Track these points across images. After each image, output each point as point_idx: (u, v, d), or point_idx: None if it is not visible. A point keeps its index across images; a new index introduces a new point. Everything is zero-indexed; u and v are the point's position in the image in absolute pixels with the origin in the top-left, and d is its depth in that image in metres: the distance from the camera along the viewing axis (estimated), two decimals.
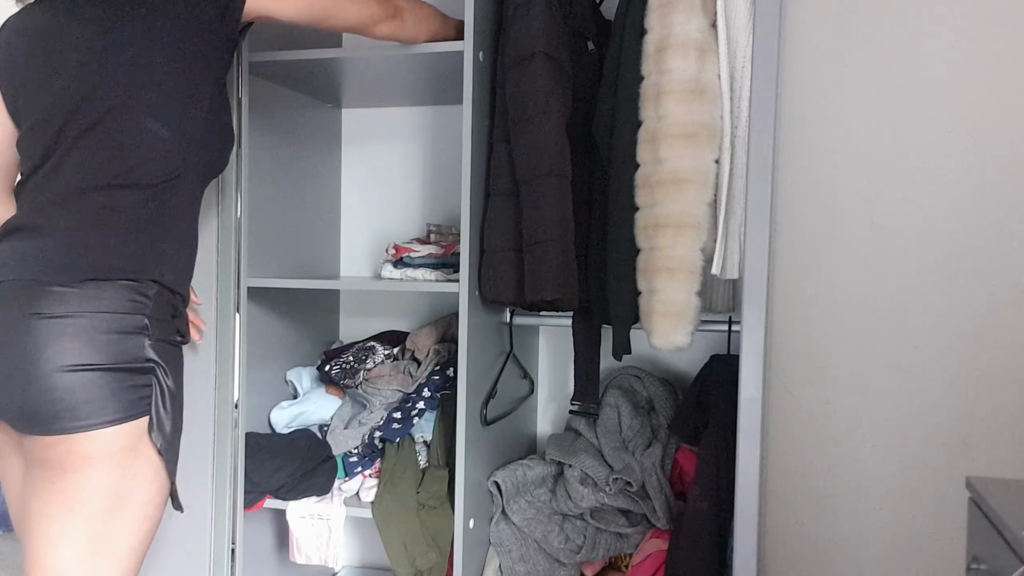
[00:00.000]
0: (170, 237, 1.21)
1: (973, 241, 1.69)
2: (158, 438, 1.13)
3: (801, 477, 1.80)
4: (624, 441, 1.72)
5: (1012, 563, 0.99)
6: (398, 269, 1.72)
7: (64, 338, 1.05)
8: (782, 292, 1.80)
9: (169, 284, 1.19)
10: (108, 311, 1.09)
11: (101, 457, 1.08)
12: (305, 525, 1.73)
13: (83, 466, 1.07)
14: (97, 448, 1.07)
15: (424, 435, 1.79)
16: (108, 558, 1.10)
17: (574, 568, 1.67)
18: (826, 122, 1.76)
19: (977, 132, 1.68)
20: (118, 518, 1.11)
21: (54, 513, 1.08)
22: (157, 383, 1.13)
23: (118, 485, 1.10)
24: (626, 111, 1.47)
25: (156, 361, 1.13)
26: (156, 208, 1.18)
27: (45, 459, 1.09)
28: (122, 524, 1.11)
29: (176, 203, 1.22)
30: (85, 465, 1.07)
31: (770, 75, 1.35)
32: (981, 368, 1.69)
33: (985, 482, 1.18)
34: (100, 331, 1.08)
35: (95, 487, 1.08)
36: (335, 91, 1.91)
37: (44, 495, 1.09)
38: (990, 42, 1.66)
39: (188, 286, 1.27)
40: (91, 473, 1.08)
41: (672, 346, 1.43)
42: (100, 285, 1.10)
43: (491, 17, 1.57)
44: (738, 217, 1.40)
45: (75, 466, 1.07)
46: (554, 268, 1.43)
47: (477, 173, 1.54)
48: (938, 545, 1.72)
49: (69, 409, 1.05)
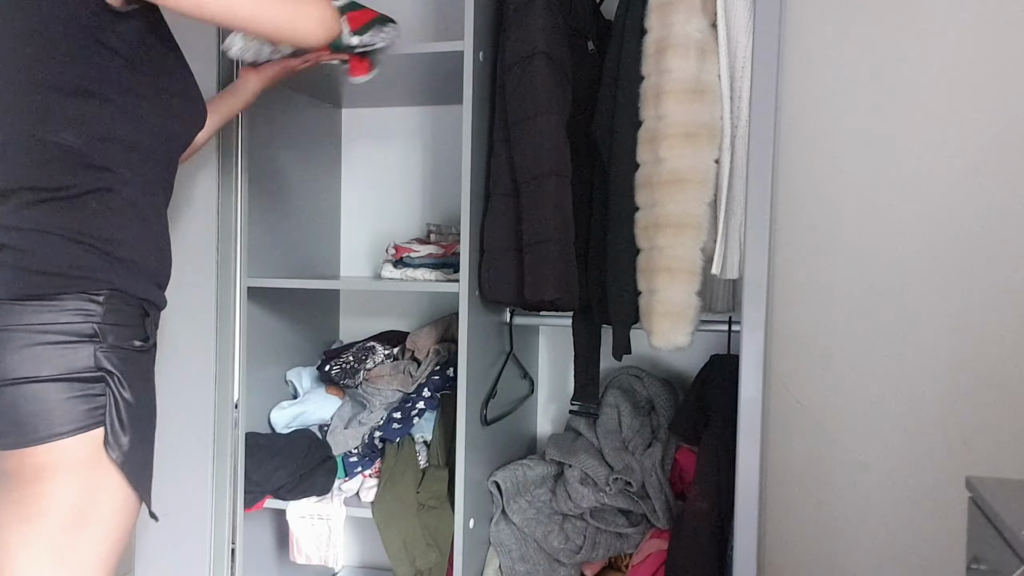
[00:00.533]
0: (122, 243, 1.12)
1: (973, 241, 1.69)
2: (114, 451, 1.07)
3: (801, 477, 1.80)
4: (624, 441, 1.72)
5: (1012, 563, 0.99)
6: (398, 269, 1.72)
7: (5, 352, 1.02)
8: (782, 292, 1.80)
9: (126, 289, 1.11)
10: (51, 322, 1.04)
11: (57, 469, 1.04)
12: (305, 525, 1.73)
13: (37, 478, 1.04)
14: (52, 460, 1.04)
15: (424, 435, 1.79)
16: (79, 567, 1.07)
17: (574, 568, 1.67)
18: (826, 122, 1.76)
19: (977, 132, 1.68)
20: (80, 529, 1.06)
21: (10, 524, 1.05)
22: (111, 392, 1.07)
23: (77, 497, 1.05)
24: (626, 111, 1.47)
25: (107, 370, 1.07)
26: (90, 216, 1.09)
27: (4, 471, 1.05)
28: (85, 535, 1.07)
29: (118, 207, 1.12)
30: (40, 477, 1.04)
31: (770, 75, 1.35)
32: (981, 368, 1.69)
33: (985, 482, 1.18)
34: (43, 342, 1.03)
35: (53, 499, 1.05)
36: (335, 91, 1.91)
37: (2, 507, 1.05)
38: (990, 41, 1.66)
39: (157, 289, 1.18)
40: (47, 485, 1.04)
41: (672, 346, 1.43)
42: (42, 300, 1.04)
43: (491, 17, 1.57)
44: (738, 217, 1.40)
45: (29, 478, 1.04)
46: (554, 268, 1.43)
47: (477, 173, 1.54)
48: (938, 545, 1.72)
49: (15, 423, 1.02)
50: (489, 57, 1.56)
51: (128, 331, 1.11)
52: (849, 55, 1.74)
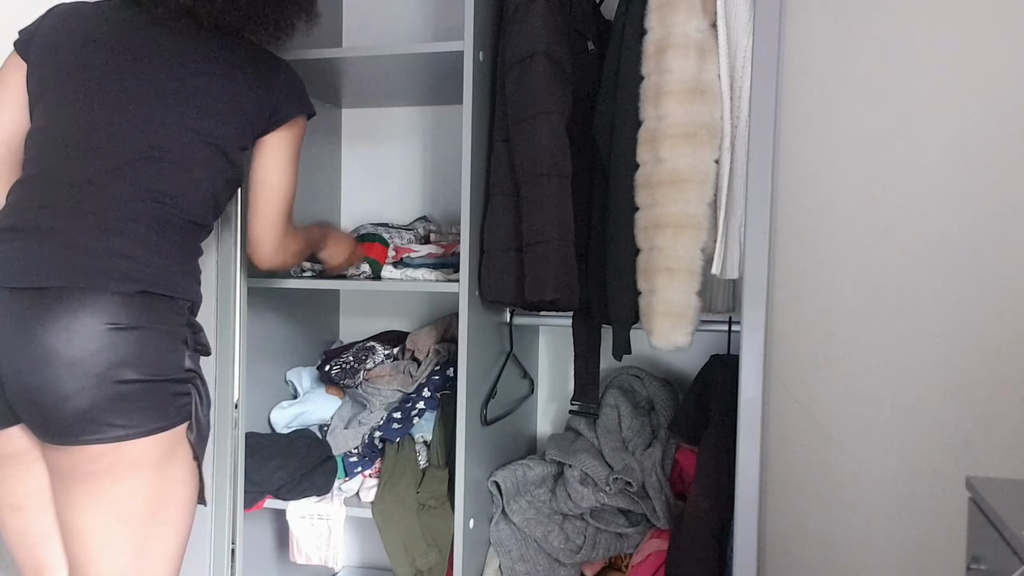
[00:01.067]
0: (196, 259, 1.29)
1: (973, 241, 1.69)
2: (196, 440, 1.19)
3: (801, 477, 1.80)
4: (624, 441, 1.72)
5: (1012, 563, 0.99)
6: (398, 269, 1.72)
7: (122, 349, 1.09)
8: (782, 292, 1.80)
9: (196, 300, 1.26)
10: (160, 323, 1.14)
11: (146, 464, 1.12)
12: (305, 525, 1.73)
13: (131, 474, 1.11)
14: (142, 456, 1.11)
15: (424, 435, 1.79)
16: (158, 559, 1.16)
17: (574, 568, 1.67)
18: (826, 122, 1.76)
19: (978, 131, 1.68)
20: (163, 521, 1.15)
21: (106, 524, 1.11)
22: (195, 390, 1.19)
23: (161, 489, 1.14)
24: (626, 111, 1.48)
25: (194, 370, 1.19)
26: (196, 237, 1.27)
27: (92, 471, 1.10)
28: (166, 526, 1.16)
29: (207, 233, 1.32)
30: (133, 473, 1.11)
31: (770, 75, 1.35)
32: (981, 368, 1.69)
33: (985, 482, 1.18)
34: (152, 343, 1.12)
35: (142, 494, 1.12)
36: (335, 91, 1.91)
37: (95, 508, 1.11)
38: (990, 41, 1.66)
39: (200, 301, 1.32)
40: (136, 481, 1.11)
41: (672, 346, 1.43)
42: (151, 298, 1.14)
43: (491, 17, 1.57)
44: (738, 217, 1.40)
45: (123, 475, 1.10)
46: (554, 268, 1.43)
47: (477, 173, 1.54)
48: (938, 545, 1.72)
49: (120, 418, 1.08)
50: (489, 57, 1.56)
51: (197, 336, 1.25)
52: (849, 55, 1.74)
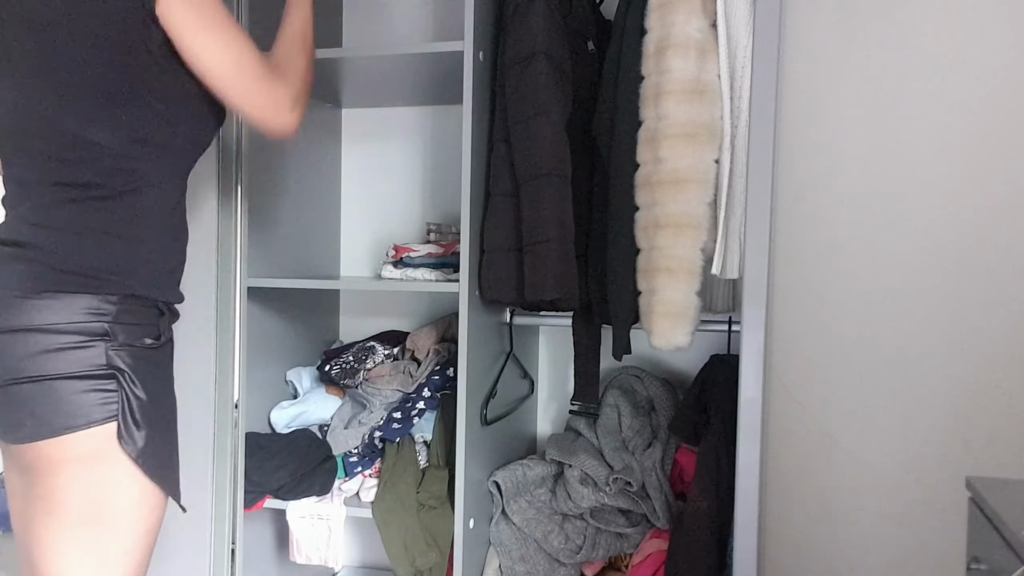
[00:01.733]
0: (147, 242, 1.15)
1: (973, 240, 1.69)
2: (129, 446, 1.10)
3: (801, 477, 1.80)
4: (624, 441, 1.72)
5: (1012, 563, 0.99)
6: (398, 269, 1.72)
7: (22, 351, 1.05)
8: (782, 292, 1.80)
9: (146, 294, 1.14)
10: (65, 321, 1.07)
11: (69, 461, 1.08)
12: (305, 525, 1.73)
13: (52, 471, 1.08)
14: (64, 453, 1.07)
15: (424, 435, 1.79)
16: (95, 562, 1.10)
17: (574, 568, 1.67)
18: (826, 122, 1.76)
19: (978, 132, 1.68)
20: (100, 523, 1.10)
21: (38, 518, 1.09)
22: (122, 390, 1.10)
23: (91, 490, 1.09)
24: (626, 111, 1.47)
25: (119, 368, 1.09)
26: (119, 217, 1.12)
27: (22, 465, 1.11)
28: (107, 529, 1.10)
29: (144, 208, 1.15)
30: (54, 470, 1.08)
31: (770, 75, 1.35)
32: (981, 368, 1.69)
33: (985, 482, 1.18)
34: (58, 345, 1.06)
35: (68, 491, 1.08)
36: (335, 91, 1.91)
37: (27, 500, 1.11)
38: (991, 42, 1.66)
39: (172, 289, 1.22)
40: (60, 477, 1.08)
41: (672, 346, 1.43)
42: (55, 296, 1.07)
43: (491, 17, 1.57)
44: (738, 217, 1.40)
45: (44, 471, 1.08)
46: (554, 268, 1.43)
47: (477, 173, 1.54)
48: (938, 545, 1.72)
49: (31, 416, 1.06)
50: (489, 57, 1.56)
51: (140, 329, 1.14)
52: (849, 55, 1.74)
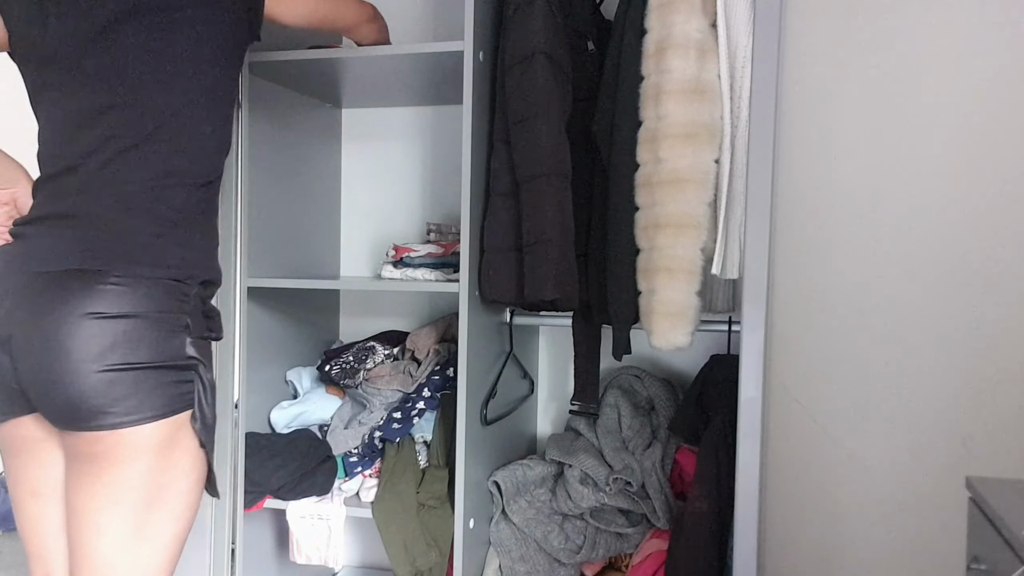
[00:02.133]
0: (207, 235, 1.26)
1: (973, 240, 1.69)
2: (200, 429, 1.17)
3: (801, 477, 1.80)
4: (624, 441, 1.72)
5: (1012, 563, 0.99)
6: (398, 269, 1.72)
7: (114, 338, 1.09)
8: (782, 292, 1.80)
9: (204, 280, 1.22)
10: (156, 311, 1.12)
11: (145, 450, 1.12)
12: (305, 525, 1.73)
13: (128, 459, 1.11)
14: (140, 442, 1.11)
15: (424, 435, 1.79)
16: (152, 547, 1.15)
17: (574, 568, 1.67)
18: (826, 122, 1.76)
19: (978, 132, 1.68)
20: (160, 508, 1.15)
21: (101, 506, 1.12)
22: (199, 377, 1.17)
23: (159, 476, 1.14)
24: (626, 111, 1.47)
25: (196, 358, 1.17)
26: (200, 207, 1.23)
27: (91, 453, 1.12)
28: (163, 513, 1.16)
29: (213, 201, 1.26)
30: (130, 458, 1.11)
31: (770, 75, 1.35)
32: (981, 368, 1.69)
33: (985, 482, 1.18)
34: (148, 331, 1.11)
35: (139, 480, 1.12)
36: (335, 91, 1.91)
37: (91, 489, 1.13)
38: (991, 43, 1.66)
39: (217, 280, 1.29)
40: (135, 466, 1.12)
41: (672, 346, 1.43)
42: (149, 283, 1.13)
43: (491, 17, 1.57)
44: (738, 217, 1.40)
45: (120, 459, 1.11)
46: (554, 268, 1.43)
47: (477, 173, 1.54)
48: (938, 545, 1.72)
49: (115, 404, 1.09)
50: (489, 57, 1.56)
51: (203, 322, 1.21)
52: (849, 55, 1.74)
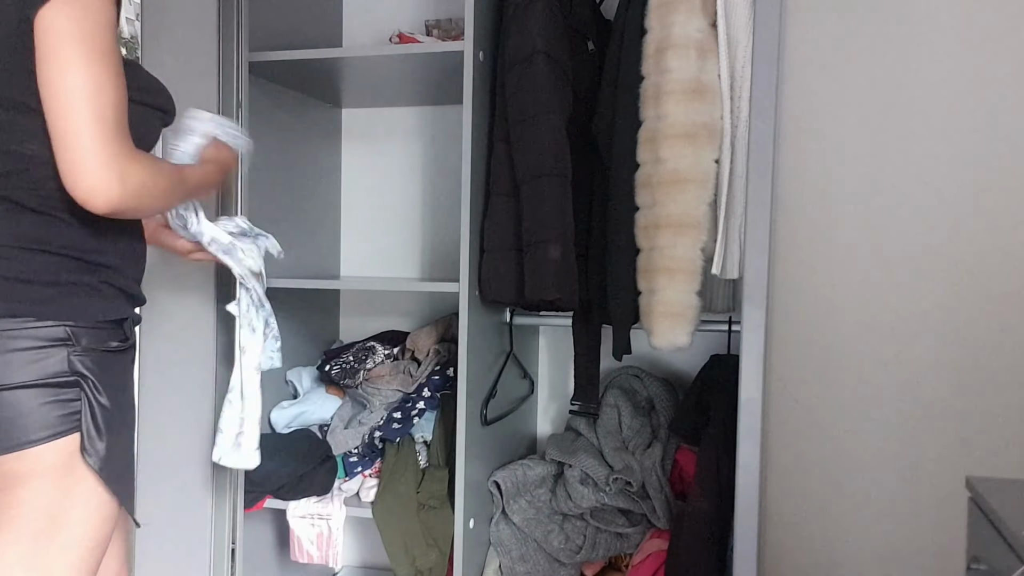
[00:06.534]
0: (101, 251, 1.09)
1: (973, 240, 1.69)
2: (92, 457, 1.05)
3: (801, 477, 1.80)
4: (624, 441, 1.72)
5: (1012, 563, 0.99)
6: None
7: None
8: (782, 292, 1.80)
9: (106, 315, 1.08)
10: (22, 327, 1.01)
11: (31, 476, 1.03)
12: (305, 525, 1.73)
13: (11, 485, 1.03)
14: (27, 467, 1.02)
15: (424, 435, 1.79)
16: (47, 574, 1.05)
17: (574, 568, 1.67)
18: (826, 122, 1.76)
19: (978, 132, 1.68)
20: (53, 536, 1.04)
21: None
22: (86, 397, 1.04)
23: (50, 504, 1.04)
24: (626, 111, 1.47)
25: (82, 374, 1.04)
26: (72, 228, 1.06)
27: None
28: (58, 541, 1.05)
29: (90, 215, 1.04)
30: (13, 484, 1.03)
31: (770, 75, 1.36)
32: (981, 368, 1.69)
33: (985, 482, 1.18)
34: (15, 348, 1.00)
35: (26, 505, 1.03)
36: (335, 91, 1.91)
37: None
38: (992, 43, 1.66)
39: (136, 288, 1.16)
40: (20, 492, 1.03)
41: (672, 346, 1.43)
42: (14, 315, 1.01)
43: (491, 17, 1.57)
44: (738, 217, 1.40)
45: (6, 486, 1.03)
46: (554, 268, 1.43)
47: (477, 173, 1.54)
48: (938, 545, 1.72)
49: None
50: (489, 57, 1.56)
51: (104, 333, 1.08)
52: (850, 55, 1.74)
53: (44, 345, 1.02)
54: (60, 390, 1.03)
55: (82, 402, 1.04)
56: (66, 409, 1.03)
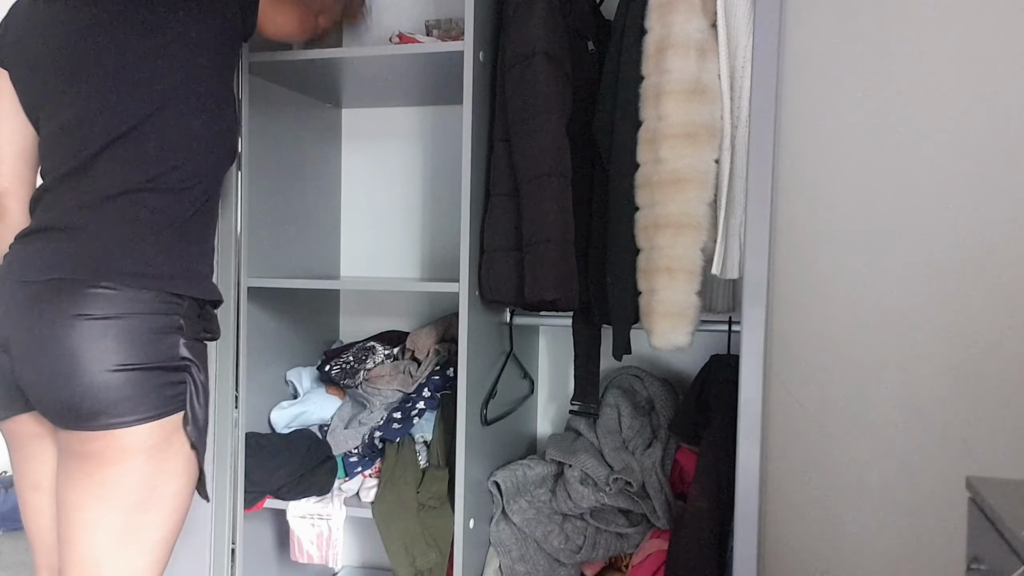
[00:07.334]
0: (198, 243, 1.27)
1: (973, 241, 1.69)
2: (192, 431, 1.18)
3: (801, 477, 1.80)
4: (624, 441, 1.72)
5: (1012, 563, 0.99)
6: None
7: (107, 339, 1.10)
8: (782, 292, 1.80)
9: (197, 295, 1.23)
10: (147, 312, 1.14)
11: (137, 451, 1.13)
12: (305, 525, 1.73)
13: (120, 460, 1.12)
14: (134, 443, 1.12)
15: (424, 435, 1.79)
16: (140, 548, 1.16)
17: (574, 568, 1.67)
18: (826, 122, 1.76)
19: (978, 132, 1.68)
20: (149, 509, 1.16)
21: (91, 504, 1.13)
22: (191, 379, 1.18)
23: (151, 478, 1.15)
24: (626, 111, 1.48)
25: (189, 359, 1.18)
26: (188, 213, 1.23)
27: (84, 452, 1.13)
28: (153, 515, 1.16)
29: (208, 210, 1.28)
30: (122, 459, 1.12)
31: (770, 75, 1.35)
32: (981, 368, 1.69)
33: (985, 482, 1.18)
34: (140, 332, 1.12)
35: (130, 480, 1.13)
36: (335, 91, 1.91)
37: (81, 486, 1.13)
38: (991, 42, 1.66)
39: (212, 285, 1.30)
40: (127, 466, 1.13)
41: (672, 346, 1.43)
42: (136, 287, 1.14)
43: (491, 17, 1.57)
44: (738, 217, 1.40)
45: (112, 459, 1.12)
46: (554, 268, 1.43)
47: (477, 173, 1.54)
48: (938, 545, 1.72)
49: (111, 406, 1.10)
50: (489, 57, 1.56)
51: (200, 324, 1.24)
52: (849, 55, 1.74)
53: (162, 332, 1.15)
54: (172, 373, 1.16)
55: (187, 384, 1.18)
56: (175, 390, 1.16)
